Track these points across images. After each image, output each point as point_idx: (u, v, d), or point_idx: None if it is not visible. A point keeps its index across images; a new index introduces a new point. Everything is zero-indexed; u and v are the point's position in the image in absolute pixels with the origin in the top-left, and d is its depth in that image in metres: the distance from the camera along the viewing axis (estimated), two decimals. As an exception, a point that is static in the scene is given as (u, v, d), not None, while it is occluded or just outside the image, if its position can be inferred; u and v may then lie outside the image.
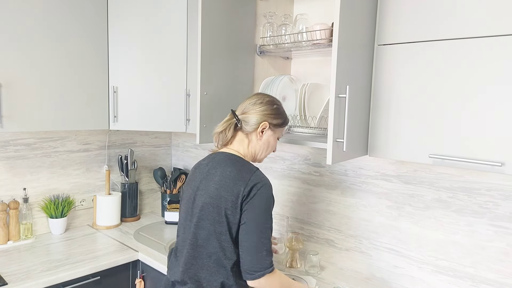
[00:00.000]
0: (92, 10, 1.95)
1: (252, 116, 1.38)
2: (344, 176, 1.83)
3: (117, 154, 2.46)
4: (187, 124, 2.09)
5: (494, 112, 1.08)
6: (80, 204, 2.33)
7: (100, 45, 2.00)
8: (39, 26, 1.79)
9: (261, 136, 1.39)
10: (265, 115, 1.38)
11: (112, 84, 2.06)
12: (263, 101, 1.39)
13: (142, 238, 2.16)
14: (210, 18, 1.58)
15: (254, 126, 1.38)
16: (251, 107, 1.39)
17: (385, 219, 1.70)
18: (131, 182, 2.44)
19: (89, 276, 1.79)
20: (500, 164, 1.06)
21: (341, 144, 1.23)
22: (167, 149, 2.74)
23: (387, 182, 1.69)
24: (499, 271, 1.41)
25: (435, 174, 1.55)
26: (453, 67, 1.14)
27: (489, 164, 1.08)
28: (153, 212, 2.68)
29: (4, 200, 2.03)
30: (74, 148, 2.28)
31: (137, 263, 1.97)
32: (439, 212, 1.54)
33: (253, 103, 1.40)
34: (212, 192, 1.29)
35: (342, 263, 1.86)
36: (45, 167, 2.17)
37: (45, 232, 2.19)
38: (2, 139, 2.01)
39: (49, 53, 1.83)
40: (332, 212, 1.89)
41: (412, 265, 1.63)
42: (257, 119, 1.37)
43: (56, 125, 1.89)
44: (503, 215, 1.39)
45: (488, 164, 1.08)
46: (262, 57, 1.86)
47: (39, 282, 1.63)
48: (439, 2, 1.17)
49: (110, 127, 2.09)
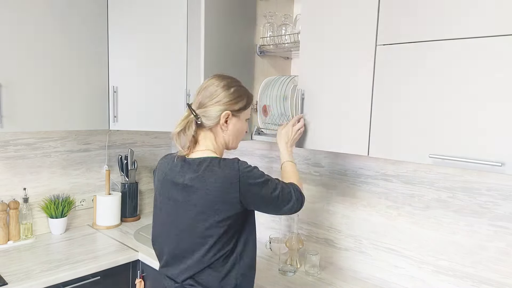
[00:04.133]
0: (93, 10, 1.95)
1: (210, 109, 1.24)
2: (344, 176, 1.83)
3: (117, 154, 2.46)
4: (187, 124, 2.09)
5: (493, 112, 1.08)
6: (80, 204, 2.33)
7: (100, 45, 2.00)
8: (39, 26, 1.79)
9: (226, 127, 1.27)
10: (224, 103, 1.24)
11: (112, 84, 2.06)
12: (218, 88, 1.25)
13: (142, 238, 2.16)
14: (212, 18, 1.58)
15: (215, 119, 1.25)
16: (207, 99, 1.24)
17: (385, 219, 1.70)
18: (131, 182, 2.44)
19: (89, 276, 1.79)
20: (500, 164, 1.06)
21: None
22: (167, 149, 2.74)
23: (387, 182, 1.69)
24: (499, 271, 1.41)
25: (435, 174, 1.55)
26: (453, 67, 1.14)
27: (489, 164, 1.08)
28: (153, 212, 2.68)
29: (4, 200, 2.03)
30: (74, 148, 2.28)
31: (137, 263, 1.97)
32: (439, 212, 1.54)
33: (208, 94, 1.25)
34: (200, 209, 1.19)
35: (342, 263, 1.86)
36: (45, 167, 2.17)
37: (45, 232, 2.19)
38: (2, 139, 2.01)
39: (49, 53, 1.83)
40: (332, 212, 1.89)
41: (412, 265, 1.63)
42: (217, 111, 1.24)
43: (56, 125, 1.89)
44: (503, 215, 1.39)
45: (488, 164, 1.08)
46: (262, 57, 1.86)
47: (39, 282, 1.63)
48: (432, 3, 1.17)
49: (110, 127, 2.09)
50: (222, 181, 1.16)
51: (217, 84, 1.26)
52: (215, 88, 1.25)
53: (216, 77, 1.29)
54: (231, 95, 1.26)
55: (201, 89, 1.28)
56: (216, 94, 1.24)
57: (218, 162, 1.20)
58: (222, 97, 1.24)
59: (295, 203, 1.29)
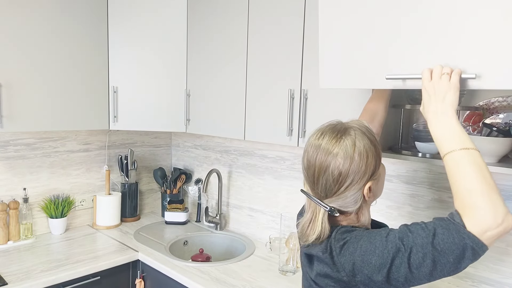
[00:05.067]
0: (92, 10, 1.95)
1: (348, 194, 0.92)
2: (344, 176, 1.83)
3: (117, 154, 2.46)
4: (187, 124, 2.09)
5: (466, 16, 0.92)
6: (80, 204, 2.33)
7: (100, 45, 2.00)
8: (39, 27, 1.79)
9: (370, 195, 0.95)
10: (362, 175, 0.91)
11: (112, 84, 2.06)
12: (352, 161, 0.90)
13: (142, 238, 2.16)
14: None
15: (358, 202, 0.94)
16: (336, 183, 0.91)
17: (385, 219, 1.70)
18: (131, 182, 2.44)
19: (89, 276, 1.79)
20: (474, 76, 0.88)
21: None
22: (167, 149, 2.74)
23: (387, 182, 1.69)
24: (500, 271, 1.41)
25: (435, 174, 1.55)
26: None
27: (463, 78, 0.90)
28: (153, 212, 2.68)
29: (4, 200, 2.03)
30: (74, 148, 2.28)
31: (137, 263, 1.97)
32: (440, 212, 1.54)
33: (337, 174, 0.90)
34: None
35: (342, 263, 1.86)
36: (45, 167, 2.17)
37: (45, 232, 2.19)
38: (2, 139, 2.01)
39: (49, 53, 1.83)
40: (332, 212, 1.88)
41: (412, 265, 1.63)
42: (357, 191, 0.92)
43: (56, 125, 1.89)
44: (503, 215, 1.39)
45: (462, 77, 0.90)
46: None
47: (39, 282, 1.63)
48: None
49: (110, 127, 2.09)
50: None
51: (345, 154, 0.90)
52: (348, 163, 0.90)
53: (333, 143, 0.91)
54: (367, 159, 0.91)
55: (320, 168, 0.92)
56: (350, 173, 0.90)
57: None
58: (358, 169, 0.90)
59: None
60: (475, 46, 0.91)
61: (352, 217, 0.98)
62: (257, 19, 1.71)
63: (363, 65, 1.11)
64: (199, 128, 2.03)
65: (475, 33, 0.91)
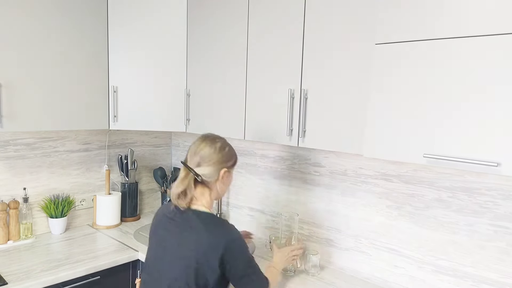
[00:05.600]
0: (92, 10, 1.95)
1: (209, 168, 1.38)
2: (344, 176, 1.83)
3: (117, 154, 2.46)
4: (187, 124, 2.09)
5: (490, 111, 1.08)
6: (80, 204, 2.33)
7: (100, 45, 2.00)
8: (40, 27, 1.79)
9: (222, 181, 1.42)
10: (221, 162, 1.39)
11: (112, 84, 2.06)
12: (215, 149, 1.39)
13: (142, 237, 2.16)
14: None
15: (214, 177, 1.39)
16: (205, 159, 1.38)
17: (385, 219, 1.70)
18: (131, 182, 2.44)
19: (89, 276, 1.79)
20: (496, 165, 1.06)
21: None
22: (167, 149, 2.74)
23: (387, 181, 1.69)
24: (500, 270, 1.41)
25: (435, 174, 1.55)
26: (449, 66, 1.14)
27: (484, 164, 1.07)
28: (153, 212, 2.68)
29: (4, 200, 2.03)
30: (74, 148, 2.28)
31: (137, 263, 1.97)
32: (439, 212, 1.54)
33: (207, 154, 1.38)
34: (188, 260, 1.30)
35: (342, 263, 1.86)
36: (45, 167, 2.17)
37: (45, 232, 2.19)
38: (2, 139, 2.01)
39: (49, 53, 1.83)
40: (332, 212, 1.88)
41: (412, 265, 1.63)
42: (216, 170, 1.38)
43: (56, 125, 1.89)
44: (503, 215, 1.39)
45: (484, 164, 1.07)
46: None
47: (39, 282, 1.63)
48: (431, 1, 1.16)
49: (110, 127, 2.09)
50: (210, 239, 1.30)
51: (213, 144, 1.40)
52: (213, 149, 1.39)
53: (209, 138, 1.43)
54: (226, 154, 1.42)
55: (197, 150, 1.40)
56: (214, 154, 1.38)
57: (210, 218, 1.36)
58: (220, 157, 1.39)
59: None
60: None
61: None
62: (257, 19, 1.71)
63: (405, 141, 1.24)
64: (199, 128, 2.03)
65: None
